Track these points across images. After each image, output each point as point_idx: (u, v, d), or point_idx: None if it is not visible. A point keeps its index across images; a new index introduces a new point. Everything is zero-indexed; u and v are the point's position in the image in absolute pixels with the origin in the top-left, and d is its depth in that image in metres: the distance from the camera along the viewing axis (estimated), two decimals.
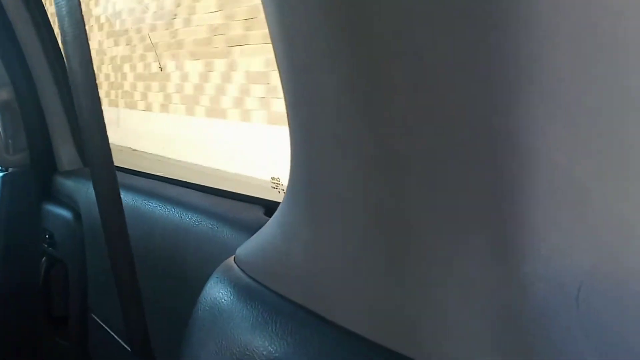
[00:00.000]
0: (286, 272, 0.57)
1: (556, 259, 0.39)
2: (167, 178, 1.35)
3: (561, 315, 0.39)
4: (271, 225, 0.61)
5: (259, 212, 1.00)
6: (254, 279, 0.61)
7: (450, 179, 0.40)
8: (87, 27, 0.69)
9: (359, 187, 0.46)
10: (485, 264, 0.40)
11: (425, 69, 0.38)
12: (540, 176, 0.38)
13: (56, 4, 0.67)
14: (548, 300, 0.39)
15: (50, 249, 1.63)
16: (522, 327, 0.39)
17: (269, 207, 1.01)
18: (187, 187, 1.25)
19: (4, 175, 1.67)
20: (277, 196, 1.08)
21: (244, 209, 1.02)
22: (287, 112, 0.53)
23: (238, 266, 0.65)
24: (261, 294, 0.59)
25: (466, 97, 0.37)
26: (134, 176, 1.43)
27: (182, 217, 1.08)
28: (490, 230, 0.40)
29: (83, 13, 0.67)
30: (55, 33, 1.63)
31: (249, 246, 0.64)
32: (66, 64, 0.72)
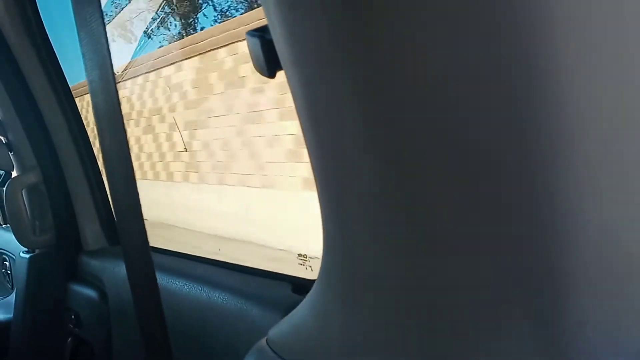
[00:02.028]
0: (322, 355, 0.56)
1: (604, 339, 0.38)
2: (193, 256, 1.35)
3: None
4: (305, 306, 0.61)
5: (287, 290, 0.99)
6: None
7: (486, 253, 0.40)
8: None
9: (393, 271, 0.46)
10: (524, 343, 0.40)
11: (456, 138, 0.38)
12: (584, 249, 0.37)
13: (91, 91, 0.69)
14: None
15: (76, 329, 1.63)
16: None
17: (297, 284, 1.00)
18: (213, 265, 1.25)
19: (31, 257, 1.69)
20: (305, 273, 1.08)
21: (272, 287, 1.02)
22: (317, 189, 0.53)
23: (271, 348, 0.64)
24: None
25: (500, 172, 0.38)
26: (160, 254, 1.44)
27: (209, 295, 1.08)
28: (529, 306, 0.39)
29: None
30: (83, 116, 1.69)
31: (282, 327, 0.64)
32: (100, 147, 0.74)
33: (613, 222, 0.38)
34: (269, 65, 0.56)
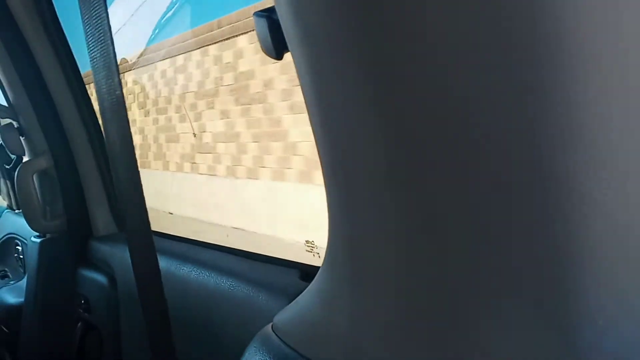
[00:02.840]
0: (328, 342, 0.55)
1: (615, 330, 0.37)
2: (201, 242, 1.35)
3: None
4: (310, 292, 0.60)
5: (294, 277, 0.99)
6: (293, 349, 0.60)
7: (495, 245, 0.39)
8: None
9: (400, 255, 0.45)
10: (533, 335, 0.39)
11: (467, 128, 0.37)
12: (596, 236, 0.36)
13: (96, 82, 0.69)
14: None
15: (86, 314, 1.64)
16: None
17: (304, 271, 1.00)
18: (221, 251, 1.25)
19: (41, 241, 1.70)
20: (313, 259, 1.07)
21: (279, 273, 1.01)
22: (323, 175, 0.53)
23: (276, 335, 0.64)
24: None
25: (516, 158, 0.37)
26: (168, 240, 1.44)
27: (217, 281, 1.08)
28: (539, 296, 0.38)
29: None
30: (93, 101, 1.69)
31: (287, 314, 0.63)
32: (104, 136, 0.74)
33: (626, 212, 0.37)
34: (276, 46, 0.55)
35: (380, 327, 0.49)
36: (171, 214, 4.35)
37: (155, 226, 0.82)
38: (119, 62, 0.73)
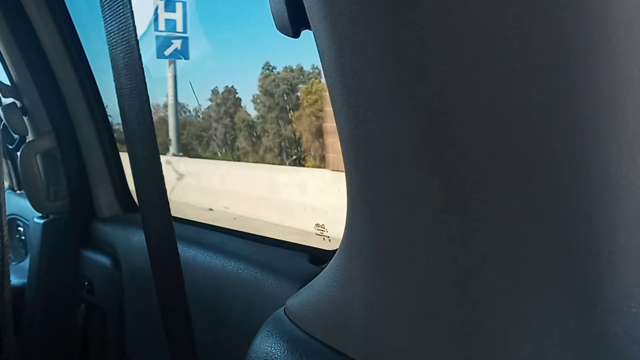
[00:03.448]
0: (343, 326, 0.54)
1: None
2: (208, 225, 1.34)
3: None
4: (326, 275, 0.59)
5: (304, 261, 0.98)
6: (307, 333, 0.59)
7: (525, 225, 0.38)
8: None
9: (425, 238, 0.44)
10: (564, 320, 0.37)
11: (497, 112, 0.36)
12: (627, 223, 0.35)
13: (112, 57, 0.67)
14: None
15: (89, 295, 1.63)
16: None
17: (314, 255, 0.99)
18: (229, 234, 1.23)
19: (45, 222, 1.69)
20: (322, 243, 1.06)
21: (289, 257, 1.00)
22: (343, 158, 0.51)
23: (289, 318, 0.63)
24: (316, 349, 0.56)
25: (543, 147, 0.35)
26: (175, 223, 1.43)
27: (225, 265, 1.06)
28: (569, 284, 0.37)
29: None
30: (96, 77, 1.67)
31: (300, 297, 0.62)
32: (120, 114, 0.72)
33: None
34: (293, 23, 0.53)
35: (400, 313, 0.48)
36: None
37: None
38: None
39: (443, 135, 0.39)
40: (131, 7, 0.67)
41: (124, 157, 1.67)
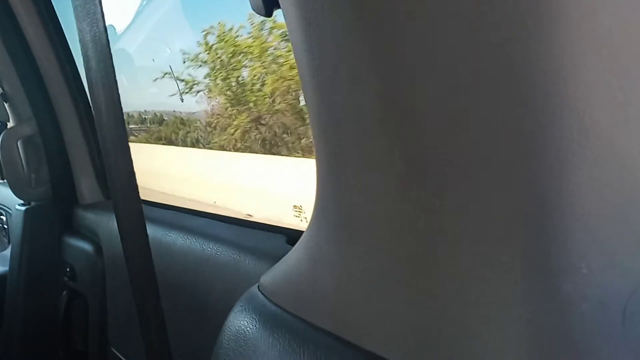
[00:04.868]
0: (313, 298, 0.55)
1: (599, 276, 0.37)
2: (187, 209, 1.34)
3: (606, 336, 0.37)
4: (297, 250, 0.60)
5: (281, 241, 0.99)
6: (279, 307, 0.60)
7: (483, 193, 0.39)
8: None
9: (389, 206, 0.45)
10: (518, 281, 0.39)
11: (455, 83, 0.37)
12: (579, 188, 0.36)
13: (79, 30, 0.67)
14: (591, 320, 0.37)
15: (71, 282, 1.63)
16: (561, 348, 0.37)
17: (292, 236, 1.00)
18: (209, 218, 1.24)
19: (26, 209, 1.68)
20: (300, 224, 1.07)
21: (267, 238, 1.01)
22: (312, 133, 0.52)
23: (262, 294, 0.64)
24: (287, 321, 0.57)
25: (498, 112, 0.36)
26: (155, 208, 1.43)
27: (204, 247, 1.07)
28: (523, 245, 0.38)
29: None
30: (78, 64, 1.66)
31: (273, 273, 0.63)
32: (88, 93, 0.72)
33: (610, 161, 0.37)
34: (266, 3, 0.54)
35: (366, 280, 0.49)
36: None
37: None
38: None
39: (402, 107, 0.40)
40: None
41: None
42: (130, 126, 3.62)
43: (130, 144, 0.75)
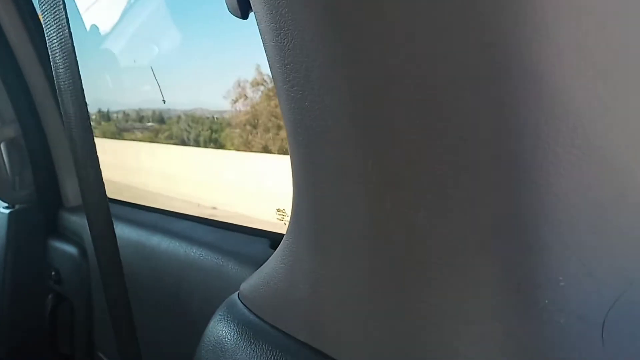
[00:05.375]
0: (289, 307, 0.55)
1: (577, 289, 0.37)
2: (171, 212, 1.33)
3: (584, 350, 0.36)
4: (275, 258, 0.59)
5: (264, 246, 0.98)
6: (257, 316, 0.59)
7: (458, 204, 0.38)
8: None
9: (364, 216, 0.44)
10: (495, 294, 0.38)
11: (429, 89, 0.36)
12: (556, 198, 0.36)
13: (47, 35, 0.67)
14: (569, 334, 0.37)
15: (57, 285, 1.62)
16: None
17: (275, 240, 0.99)
18: (192, 221, 1.23)
19: (10, 212, 1.67)
20: (283, 229, 1.06)
21: (250, 243, 1.01)
22: (288, 141, 0.51)
23: (242, 302, 0.63)
24: (265, 332, 0.57)
25: (474, 119, 0.36)
26: (138, 210, 1.42)
27: (187, 251, 1.06)
28: (499, 257, 0.38)
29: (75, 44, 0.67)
30: None
31: (252, 281, 0.62)
32: (58, 96, 0.72)
33: (588, 170, 0.36)
34: (241, 5, 0.53)
35: (341, 291, 0.48)
36: None
37: None
38: None
39: (375, 115, 0.39)
40: (66, 12, 0.68)
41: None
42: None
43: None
